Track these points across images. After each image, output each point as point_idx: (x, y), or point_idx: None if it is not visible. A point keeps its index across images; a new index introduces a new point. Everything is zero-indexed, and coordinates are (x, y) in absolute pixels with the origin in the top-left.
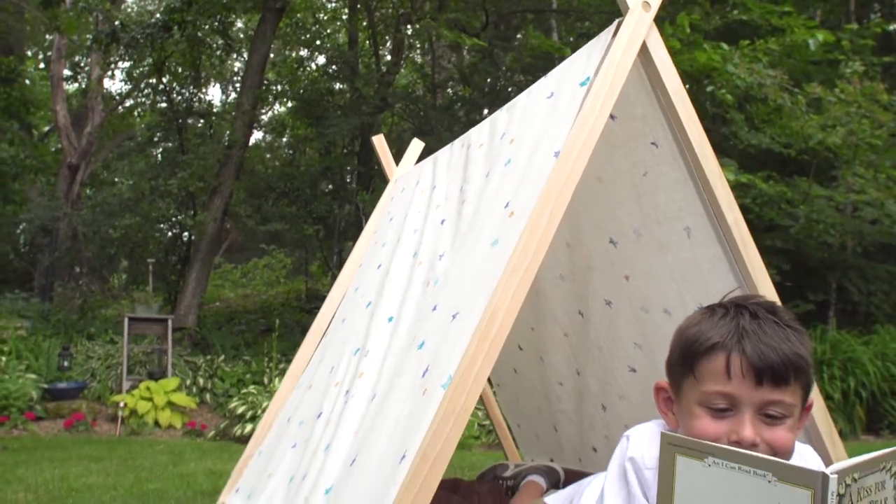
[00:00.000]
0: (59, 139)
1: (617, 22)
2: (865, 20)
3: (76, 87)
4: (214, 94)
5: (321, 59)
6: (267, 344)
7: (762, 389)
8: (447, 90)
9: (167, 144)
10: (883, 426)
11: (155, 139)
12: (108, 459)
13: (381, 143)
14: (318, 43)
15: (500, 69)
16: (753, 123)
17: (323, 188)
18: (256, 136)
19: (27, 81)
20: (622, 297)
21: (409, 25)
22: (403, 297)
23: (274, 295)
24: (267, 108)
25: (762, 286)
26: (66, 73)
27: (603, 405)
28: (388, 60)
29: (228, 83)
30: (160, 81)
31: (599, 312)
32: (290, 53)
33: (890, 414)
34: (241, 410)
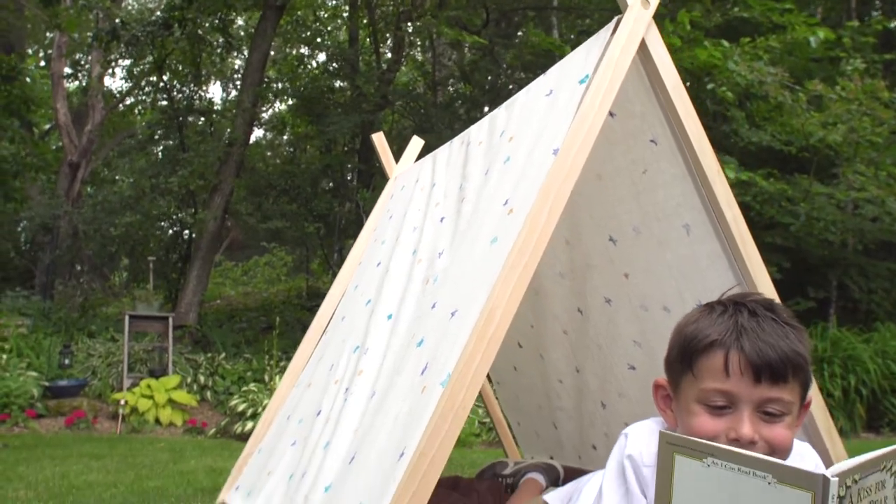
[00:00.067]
0: (59, 137)
1: (616, 19)
2: (866, 17)
3: (77, 84)
4: (215, 91)
5: (322, 56)
6: (267, 342)
7: (760, 387)
8: (448, 88)
9: (168, 142)
10: (883, 424)
11: (155, 137)
12: (108, 457)
13: (380, 140)
14: (318, 40)
15: (500, 67)
16: (754, 121)
17: (323, 186)
18: (257, 133)
19: (28, 79)
20: (621, 294)
21: (409, 23)
22: (403, 294)
23: (275, 293)
24: (267, 105)
25: (761, 283)
26: (66, 70)
27: (602, 403)
28: (388, 58)
29: (229, 81)
30: (161, 79)
31: (599, 310)
32: (290, 51)
33: (890, 411)
34: (241, 408)
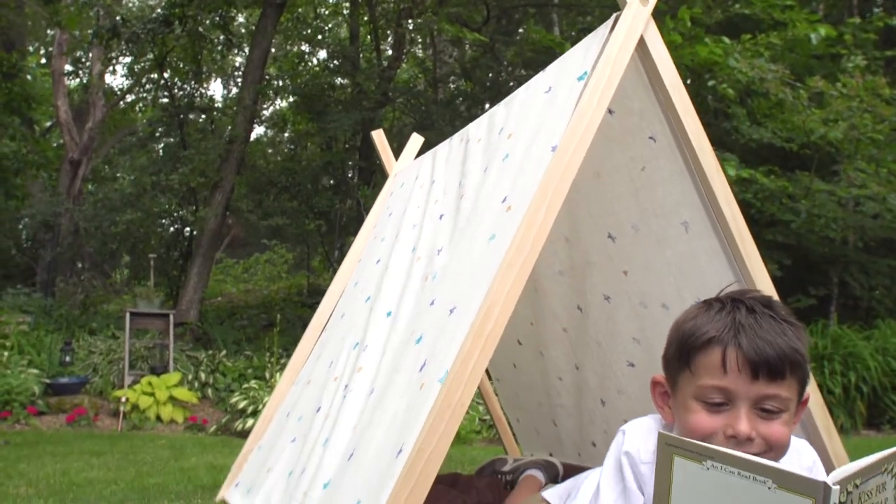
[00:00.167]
0: (60, 135)
1: (614, 16)
2: (868, 14)
3: (78, 82)
4: (216, 89)
5: (322, 53)
6: (268, 339)
7: (758, 384)
8: (448, 85)
9: (168, 140)
10: (884, 421)
11: (156, 134)
12: (109, 454)
13: (380, 138)
14: (319, 38)
15: (501, 64)
16: (755, 118)
17: (324, 183)
18: (258, 131)
19: (28, 77)
20: (621, 292)
21: (410, 20)
22: (402, 291)
23: (275, 290)
24: (268, 103)
25: (759, 280)
26: (67, 68)
27: (602, 400)
28: (389, 55)
29: (230, 78)
30: (161, 77)
31: (598, 307)
32: (291, 48)
33: (891, 409)
34: (242, 405)
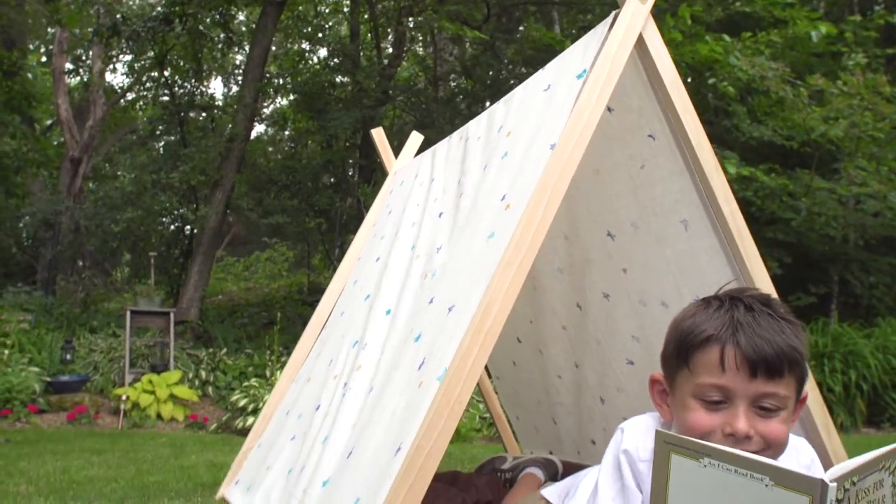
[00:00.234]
0: (61, 133)
1: (613, 14)
2: (869, 12)
3: (78, 80)
4: (216, 87)
5: (323, 51)
6: (269, 337)
7: (756, 382)
8: (449, 83)
9: (169, 138)
10: (884, 419)
11: (157, 133)
12: (110, 452)
13: (380, 136)
14: (319, 36)
15: (501, 62)
16: (755, 116)
17: (325, 181)
18: (258, 129)
19: (29, 75)
20: (620, 289)
21: (410, 18)
22: (401, 290)
23: (276, 288)
24: (268, 101)
25: (758, 278)
26: (67, 66)
27: (601, 398)
28: (389, 53)
29: (230, 76)
30: (162, 75)
31: (597, 305)
32: (291, 46)
33: (891, 407)
34: (242, 403)
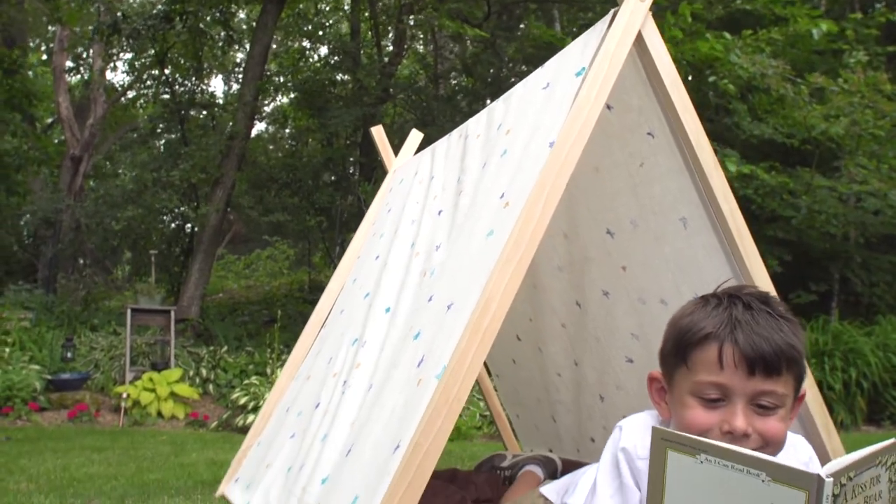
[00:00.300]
0: (61, 131)
1: (612, 11)
2: (870, 10)
3: (79, 78)
4: (217, 85)
5: (323, 49)
6: (269, 335)
7: (754, 380)
8: (449, 81)
9: (169, 136)
10: (884, 417)
11: (157, 131)
12: (110, 450)
13: (380, 134)
14: (320, 34)
15: (502, 60)
16: (756, 114)
17: (325, 179)
18: (259, 127)
19: (29, 73)
20: (619, 287)
21: (411, 16)
22: (401, 287)
23: (277, 286)
24: (269, 99)
25: (757, 276)
26: (68, 64)
27: (601, 395)
28: (390, 51)
29: (230, 74)
30: (162, 73)
31: (597, 303)
32: (291, 44)
33: (891, 405)
34: (243, 401)
